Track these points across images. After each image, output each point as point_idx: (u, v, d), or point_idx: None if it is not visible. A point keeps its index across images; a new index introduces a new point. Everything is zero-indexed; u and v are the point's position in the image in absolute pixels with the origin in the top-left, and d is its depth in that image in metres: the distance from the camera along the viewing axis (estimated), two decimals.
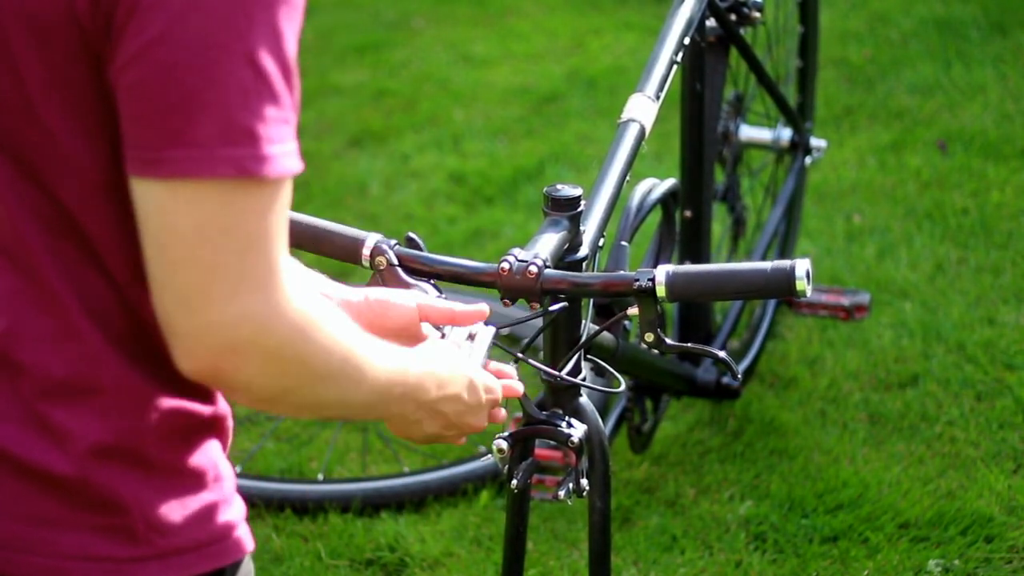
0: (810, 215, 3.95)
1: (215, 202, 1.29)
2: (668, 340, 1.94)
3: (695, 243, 3.04)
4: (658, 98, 2.44)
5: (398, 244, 1.98)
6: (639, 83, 2.45)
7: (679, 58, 2.59)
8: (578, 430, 2.03)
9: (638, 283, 1.90)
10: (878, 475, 3.08)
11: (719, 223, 3.47)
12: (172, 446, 1.47)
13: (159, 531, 1.46)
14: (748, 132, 3.37)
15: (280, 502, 3.10)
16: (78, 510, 1.44)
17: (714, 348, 2.42)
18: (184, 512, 1.47)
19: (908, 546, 2.90)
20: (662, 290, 1.89)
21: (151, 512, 1.45)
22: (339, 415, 1.60)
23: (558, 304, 1.98)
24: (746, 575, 2.87)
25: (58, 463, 1.43)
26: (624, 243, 2.24)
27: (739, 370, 3.15)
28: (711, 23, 2.93)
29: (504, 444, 2.02)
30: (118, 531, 1.45)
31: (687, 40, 2.65)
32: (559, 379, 2.03)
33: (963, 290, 3.63)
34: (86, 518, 1.45)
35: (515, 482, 2.06)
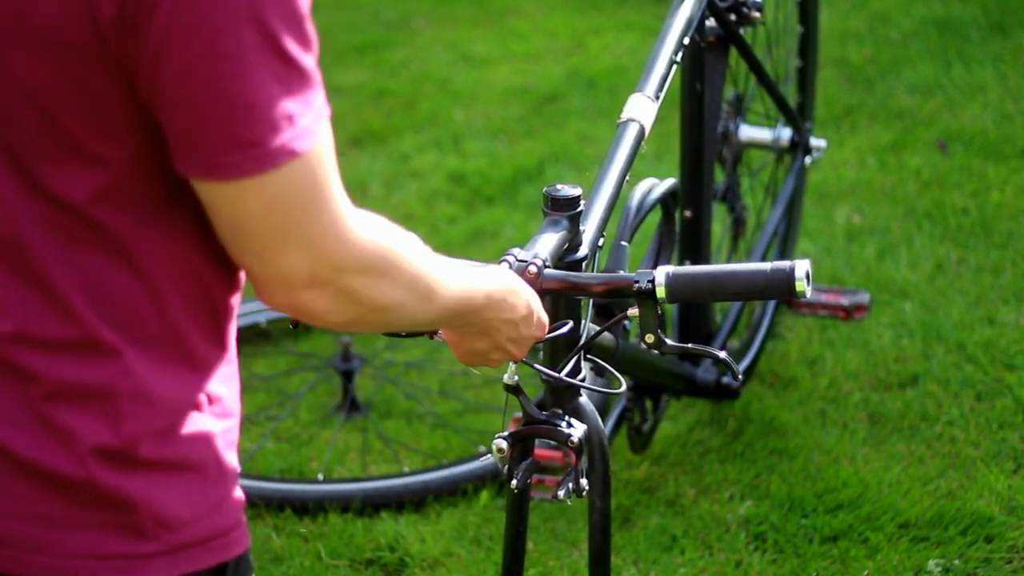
0: (810, 215, 3.95)
1: (276, 185, 1.39)
2: (668, 341, 1.94)
3: (695, 243, 3.04)
4: (657, 98, 2.44)
5: None
6: (638, 83, 2.45)
7: (679, 58, 2.59)
8: (578, 430, 2.03)
9: (638, 284, 1.90)
10: (878, 475, 3.07)
11: (719, 223, 3.47)
12: (179, 444, 1.48)
13: (167, 527, 1.48)
14: (748, 132, 3.37)
15: (280, 502, 3.10)
16: (85, 509, 1.46)
17: (714, 348, 2.42)
18: (191, 508, 1.49)
19: (908, 546, 2.90)
20: (662, 291, 1.89)
21: (159, 509, 1.47)
22: (409, 328, 1.72)
23: (563, 327, 1.99)
24: (746, 575, 2.87)
25: (65, 464, 1.44)
26: (624, 243, 2.24)
27: (739, 370, 3.16)
28: (711, 23, 2.93)
29: (504, 444, 2.02)
30: (126, 528, 1.47)
31: (687, 40, 2.65)
32: (559, 380, 2.03)
33: (963, 290, 3.63)
34: (94, 517, 1.46)
35: (515, 482, 2.06)
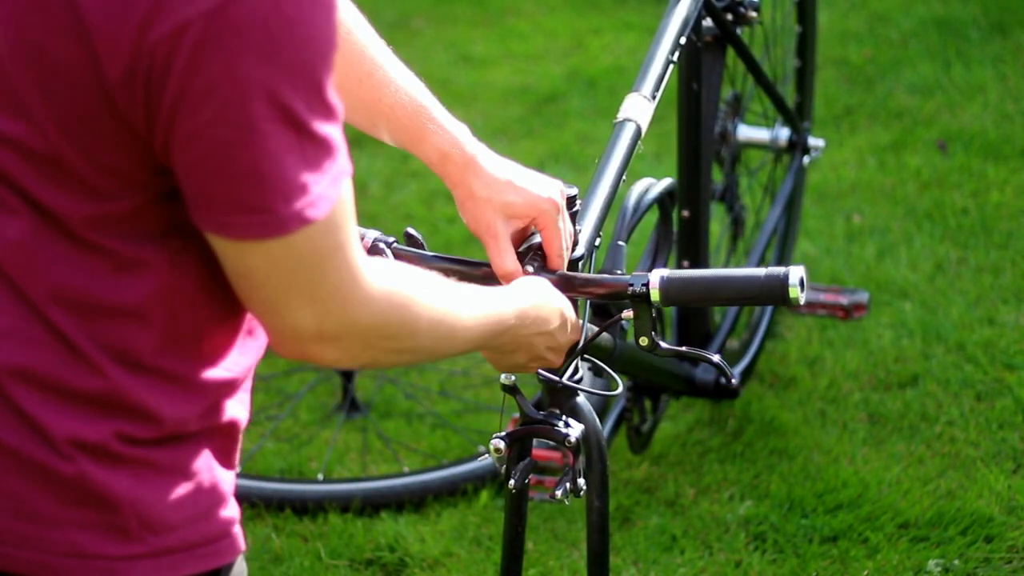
0: (810, 215, 3.95)
1: (285, 249, 1.39)
2: (663, 343, 1.94)
3: (693, 243, 3.04)
4: (654, 98, 2.43)
5: (396, 242, 1.98)
6: (635, 83, 2.45)
7: (675, 58, 2.58)
8: (575, 430, 2.02)
9: (632, 288, 1.90)
10: (878, 475, 3.07)
11: (717, 223, 3.47)
12: (169, 447, 1.48)
13: (152, 529, 1.46)
14: (746, 132, 3.37)
15: (280, 502, 3.10)
16: (69, 507, 1.44)
17: (710, 350, 2.42)
18: (178, 512, 1.48)
19: (908, 546, 2.90)
20: (656, 295, 1.89)
21: (144, 510, 1.46)
22: (437, 359, 1.73)
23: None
24: (746, 575, 2.87)
25: (51, 460, 1.43)
26: (621, 243, 2.23)
27: (734, 373, 3.15)
28: (707, 23, 2.92)
29: (501, 444, 2.02)
30: (110, 529, 1.45)
31: (683, 40, 2.65)
32: (555, 381, 2.03)
33: (963, 290, 3.63)
34: (77, 515, 1.45)
35: (513, 482, 2.05)
